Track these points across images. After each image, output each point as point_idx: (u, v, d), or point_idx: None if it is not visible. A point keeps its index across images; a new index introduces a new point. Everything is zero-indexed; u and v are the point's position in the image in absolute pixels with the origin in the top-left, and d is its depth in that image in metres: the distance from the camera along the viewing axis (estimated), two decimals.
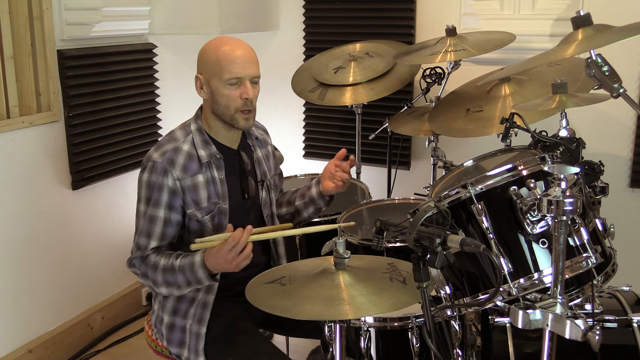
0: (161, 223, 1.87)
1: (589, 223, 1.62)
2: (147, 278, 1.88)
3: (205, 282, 1.82)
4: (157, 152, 1.90)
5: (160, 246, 1.90)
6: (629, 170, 2.87)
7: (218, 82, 1.88)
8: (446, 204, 1.61)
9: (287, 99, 3.51)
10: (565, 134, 1.76)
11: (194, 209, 1.90)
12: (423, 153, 3.27)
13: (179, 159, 1.88)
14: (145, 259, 1.88)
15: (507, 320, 1.74)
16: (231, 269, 1.74)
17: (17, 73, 2.71)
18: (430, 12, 3.14)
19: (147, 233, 1.88)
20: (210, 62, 1.90)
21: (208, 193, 1.91)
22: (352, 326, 1.84)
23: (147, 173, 1.89)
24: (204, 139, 1.94)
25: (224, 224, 1.93)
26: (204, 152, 1.92)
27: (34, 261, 2.83)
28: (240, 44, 1.92)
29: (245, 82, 1.89)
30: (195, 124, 1.97)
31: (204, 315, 1.93)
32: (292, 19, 3.48)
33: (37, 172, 2.82)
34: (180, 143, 1.92)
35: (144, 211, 1.89)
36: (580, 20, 1.79)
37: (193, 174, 1.89)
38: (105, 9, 3.01)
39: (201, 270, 1.79)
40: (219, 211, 1.93)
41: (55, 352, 2.93)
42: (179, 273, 1.82)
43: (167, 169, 1.86)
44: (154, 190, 1.87)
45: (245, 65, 1.88)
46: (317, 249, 1.95)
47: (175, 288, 1.85)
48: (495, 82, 2.40)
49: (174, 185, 1.86)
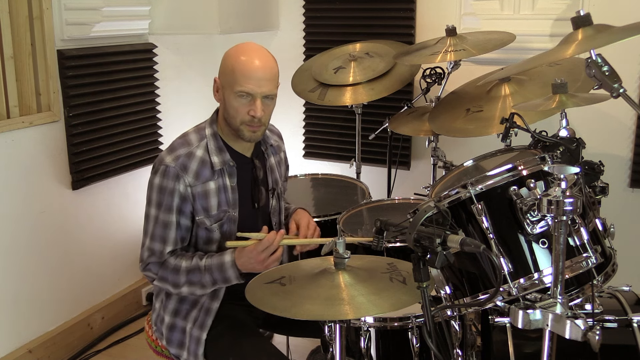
0: (174, 227, 1.86)
1: (589, 223, 1.62)
2: (166, 281, 1.87)
3: (233, 281, 1.83)
4: (170, 155, 1.87)
5: (175, 250, 1.89)
6: (629, 170, 2.87)
7: (229, 92, 1.83)
8: (446, 204, 1.61)
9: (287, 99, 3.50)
10: (565, 134, 1.76)
11: (203, 216, 1.88)
12: (423, 153, 3.27)
13: (192, 165, 1.85)
14: (164, 264, 1.87)
15: (507, 320, 1.74)
16: (261, 269, 1.76)
17: (17, 73, 2.71)
18: (430, 12, 3.14)
19: (162, 239, 1.87)
20: (227, 69, 1.84)
21: (218, 200, 1.89)
22: (352, 326, 1.84)
23: (159, 177, 1.86)
24: (218, 146, 1.90)
25: (233, 232, 1.92)
26: (217, 159, 1.88)
27: (34, 261, 2.83)
28: (262, 57, 1.83)
29: (257, 99, 1.81)
30: (211, 128, 1.92)
31: (206, 321, 1.93)
32: (292, 19, 3.48)
33: (37, 172, 2.82)
34: (194, 148, 1.88)
35: (155, 216, 1.87)
36: (580, 20, 1.79)
37: (205, 180, 1.87)
38: (105, 9, 3.01)
39: (231, 270, 1.81)
40: (228, 219, 1.91)
41: (55, 352, 2.93)
42: (205, 273, 1.82)
43: (180, 175, 1.84)
44: (165, 194, 1.85)
45: (259, 82, 1.80)
46: (317, 249, 1.95)
47: (198, 287, 1.85)
48: (495, 82, 2.40)
49: (185, 191, 1.84)
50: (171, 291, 1.90)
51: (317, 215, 2.47)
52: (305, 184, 2.93)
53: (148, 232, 1.89)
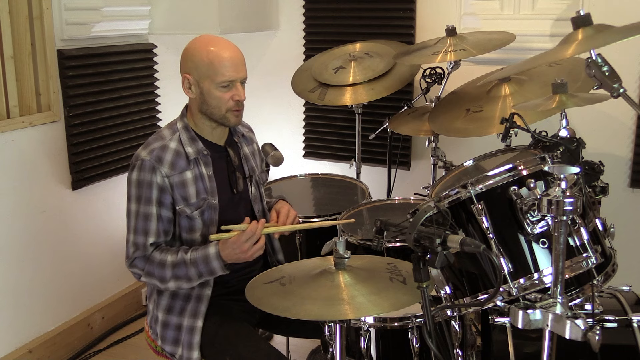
0: (155, 219, 1.89)
1: (589, 223, 1.62)
2: (152, 276, 1.89)
3: (218, 273, 1.86)
4: (144, 150, 1.92)
5: (158, 242, 1.91)
6: (629, 170, 2.87)
7: (210, 84, 1.89)
8: (446, 204, 1.61)
9: (287, 99, 3.51)
10: (565, 134, 1.76)
11: (183, 205, 1.91)
12: (423, 153, 3.27)
13: (167, 156, 1.90)
14: (149, 258, 1.89)
15: (507, 320, 1.74)
16: (246, 258, 1.83)
17: (17, 73, 2.71)
18: (430, 12, 3.14)
19: (144, 231, 1.89)
20: (202, 63, 1.89)
21: (197, 189, 1.93)
22: (352, 326, 1.84)
23: (135, 172, 1.90)
24: (190, 136, 1.96)
25: (214, 219, 1.96)
26: (191, 149, 1.94)
27: (34, 261, 2.83)
28: (229, 45, 1.93)
29: (237, 84, 1.91)
30: (182, 122, 1.99)
31: (199, 308, 1.95)
32: (292, 19, 3.48)
33: (37, 172, 2.82)
34: (168, 141, 1.93)
35: (135, 210, 1.91)
36: (580, 20, 1.79)
37: (181, 170, 1.91)
38: (105, 9, 3.01)
39: (216, 262, 1.84)
40: (208, 206, 1.94)
41: (55, 352, 2.93)
42: (190, 266, 1.85)
43: (155, 167, 1.88)
44: (143, 187, 1.89)
45: (237, 67, 1.90)
46: (317, 249, 1.95)
47: (184, 281, 1.88)
48: (495, 82, 2.40)
49: (163, 182, 1.88)
50: (159, 286, 1.92)
51: (317, 215, 2.48)
52: (305, 184, 2.93)
53: (130, 227, 1.92)
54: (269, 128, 3.64)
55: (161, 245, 1.92)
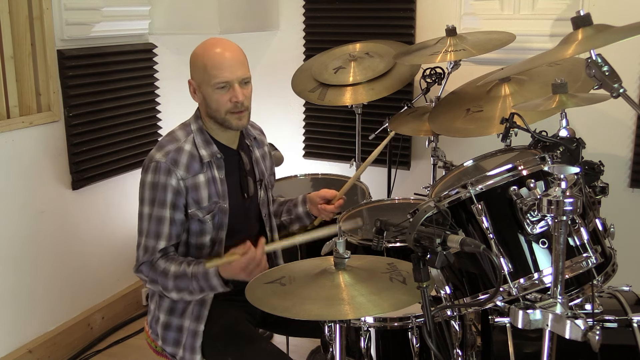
0: (168, 223, 1.87)
1: (589, 223, 1.62)
2: (156, 284, 1.87)
3: (219, 289, 1.83)
4: (159, 152, 1.89)
5: (167, 247, 1.89)
6: (629, 170, 2.87)
7: (207, 87, 1.88)
8: (446, 204, 1.61)
9: (287, 99, 3.50)
10: (565, 134, 1.76)
11: (195, 209, 1.90)
12: (423, 153, 3.27)
13: (182, 159, 1.88)
14: (154, 265, 1.87)
15: (507, 320, 1.74)
16: (247, 278, 1.75)
17: (17, 73, 2.71)
18: (430, 12, 3.14)
19: (156, 234, 1.87)
20: (199, 67, 1.89)
21: (209, 192, 1.91)
22: (352, 326, 1.84)
23: (150, 174, 1.88)
24: (205, 139, 1.94)
25: (224, 223, 1.94)
26: (206, 152, 1.92)
27: (34, 261, 2.83)
28: (227, 45, 1.90)
29: (234, 85, 1.87)
30: (196, 124, 1.97)
31: (201, 312, 1.94)
32: (292, 19, 3.48)
33: (37, 172, 2.82)
34: (182, 143, 1.91)
35: (148, 213, 1.88)
36: (580, 20, 1.79)
37: (195, 173, 1.89)
38: (105, 9, 3.01)
39: (215, 279, 1.81)
40: (219, 210, 1.93)
41: (55, 352, 2.93)
42: (192, 280, 1.82)
43: (171, 169, 1.86)
44: (158, 190, 1.87)
45: (232, 68, 1.86)
46: (317, 249, 1.95)
47: (187, 293, 1.86)
48: (495, 82, 2.40)
49: (178, 185, 1.86)
50: (164, 294, 1.91)
51: None
52: (305, 184, 2.93)
53: (143, 230, 1.90)
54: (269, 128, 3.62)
55: (169, 254, 1.90)
